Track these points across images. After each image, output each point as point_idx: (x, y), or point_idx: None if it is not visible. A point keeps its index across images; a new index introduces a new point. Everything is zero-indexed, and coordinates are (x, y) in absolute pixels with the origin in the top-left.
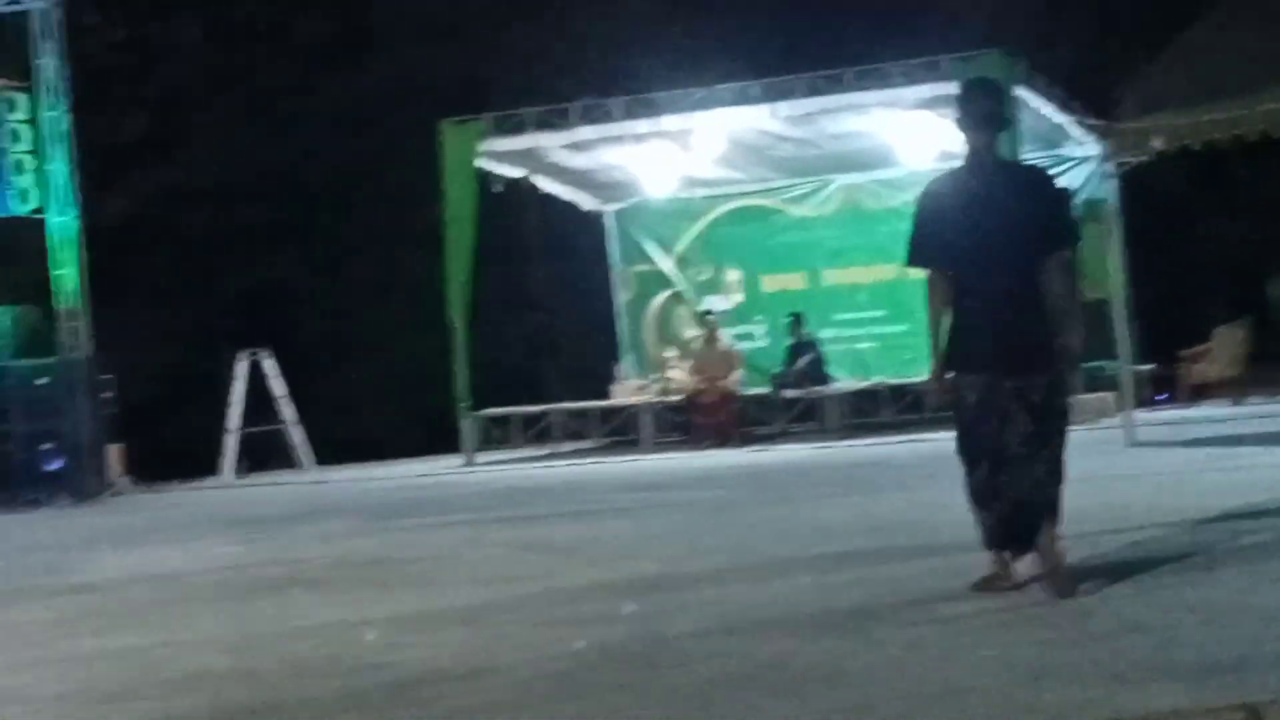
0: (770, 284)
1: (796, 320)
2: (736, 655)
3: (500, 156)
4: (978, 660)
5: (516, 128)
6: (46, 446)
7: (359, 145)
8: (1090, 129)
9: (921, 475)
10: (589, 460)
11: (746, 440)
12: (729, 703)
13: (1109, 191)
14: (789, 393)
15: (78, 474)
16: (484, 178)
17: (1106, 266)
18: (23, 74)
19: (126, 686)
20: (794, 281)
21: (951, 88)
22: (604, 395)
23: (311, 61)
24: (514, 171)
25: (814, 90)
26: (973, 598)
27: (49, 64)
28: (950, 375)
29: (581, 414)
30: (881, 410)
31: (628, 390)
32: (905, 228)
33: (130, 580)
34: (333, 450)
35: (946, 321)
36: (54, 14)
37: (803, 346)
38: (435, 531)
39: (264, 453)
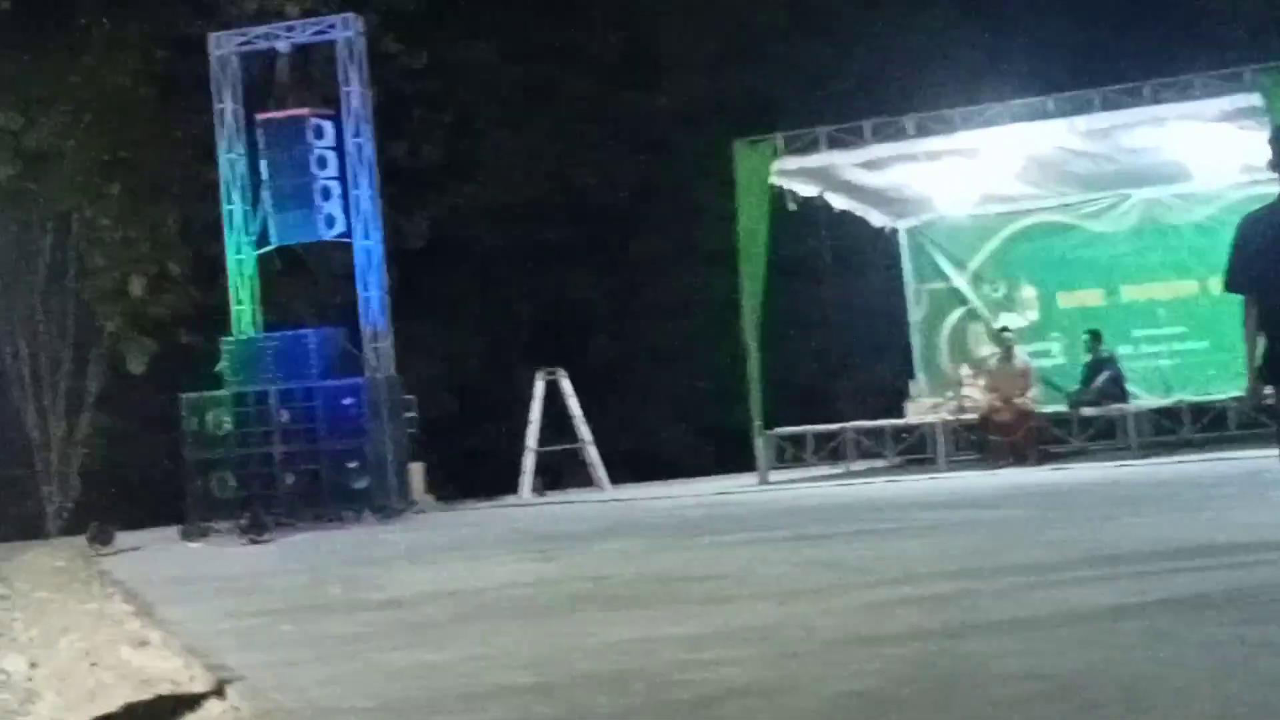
0: (1066, 300)
1: (1094, 337)
2: (1038, 675)
3: (793, 175)
4: None
5: (810, 146)
6: (353, 465)
7: (653, 164)
8: None
9: (1226, 494)
10: (883, 479)
11: (1043, 459)
12: None
13: None
14: (1087, 410)
15: (382, 491)
16: (777, 196)
17: None
18: (329, 102)
19: (433, 700)
20: (1091, 298)
21: (1254, 100)
22: (898, 413)
23: (606, 81)
24: (807, 190)
25: (1110, 104)
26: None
27: (354, 91)
28: (1268, 390)
29: (875, 432)
30: (1183, 428)
31: (922, 408)
32: (1205, 243)
33: (433, 595)
34: (627, 468)
35: (1263, 342)
36: (358, 43)
37: (1101, 363)
38: (732, 549)
39: (561, 471)
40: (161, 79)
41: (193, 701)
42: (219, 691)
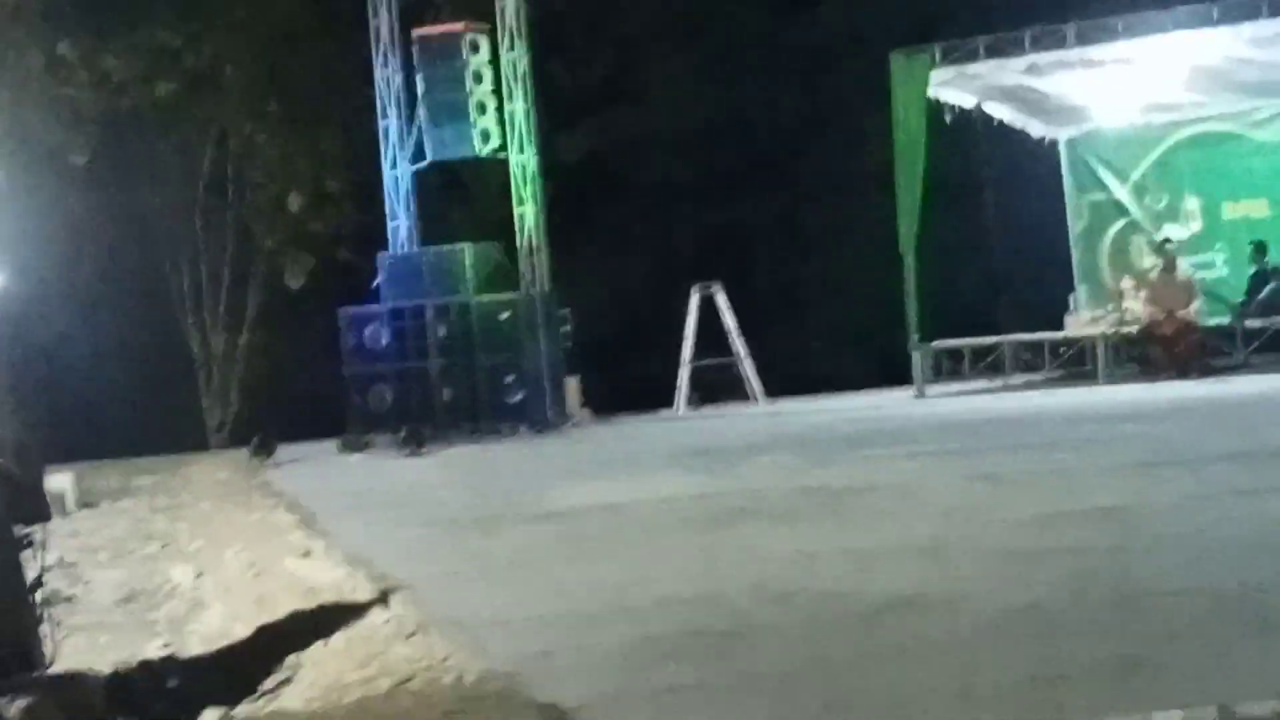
0: (1231, 211)
1: (1259, 248)
2: (1209, 592)
3: (951, 85)
4: None
5: (967, 56)
6: (509, 379)
7: (814, 89)
8: None
9: None
10: (1041, 392)
11: (1206, 372)
12: (1202, 641)
13: None
14: (1251, 323)
15: (538, 405)
16: (935, 109)
17: None
18: (485, 16)
19: (601, 611)
20: (1257, 209)
21: None
22: (1057, 326)
23: (768, 6)
24: (965, 100)
25: (1277, 9)
26: None
27: (510, 5)
28: None
29: (1034, 346)
30: None
31: (1082, 322)
32: None
33: (593, 509)
34: (783, 384)
35: None
36: None
37: (1266, 275)
38: (888, 463)
39: (716, 386)
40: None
41: (357, 610)
42: (383, 600)
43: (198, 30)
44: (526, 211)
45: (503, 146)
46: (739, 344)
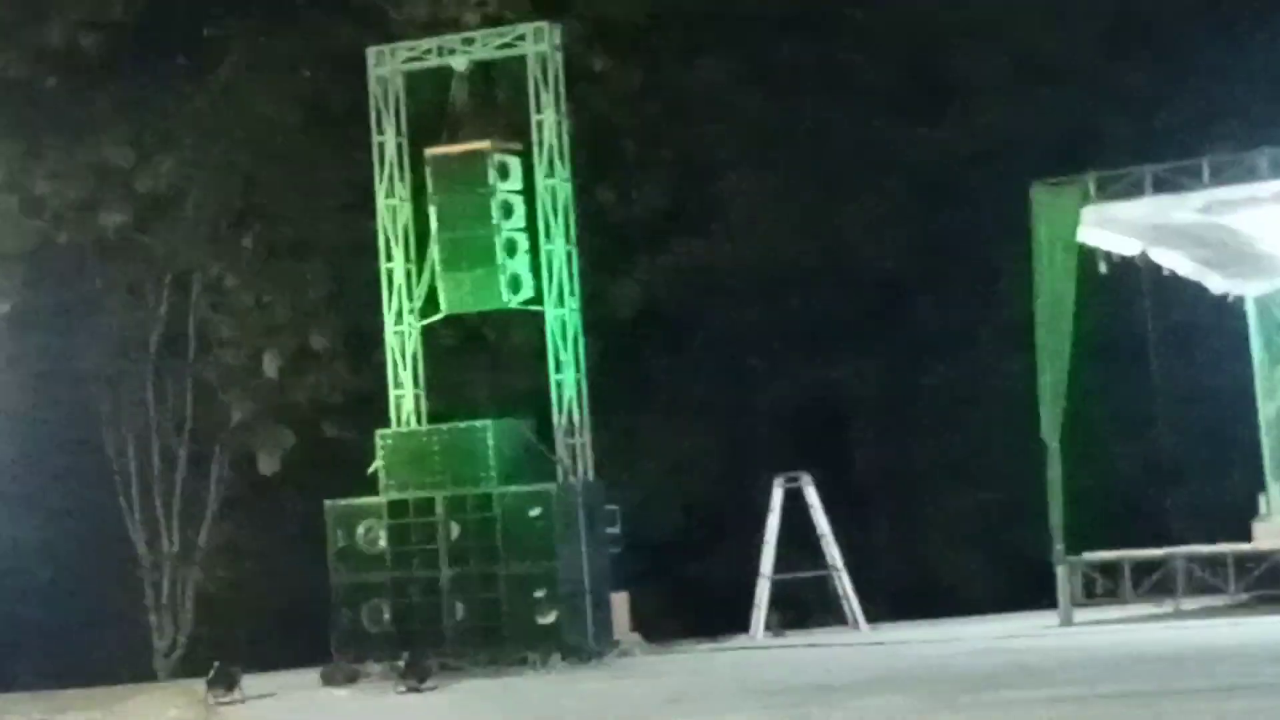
0: None
1: None
2: None
3: (1108, 226)
4: None
5: (1130, 190)
6: (540, 594)
7: (934, 218)
8: None
9: None
10: (1224, 621)
11: None
12: None
13: None
14: None
15: (576, 628)
16: (1087, 255)
17: None
18: (517, 134)
19: None
20: None
21: None
22: (1244, 536)
23: (875, 112)
24: (1126, 245)
25: None
26: None
27: (548, 120)
28: None
29: (1215, 561)
30: None
31: (1275, 530)
32: None
33: None
34: (890, 604)
35: None
36: (554, 59)
37: None
38: (1027, 711)
39: (805, 606)
40: (308, 105)
41: None
42: None
43: (154, 146)
44: (566, 379)
45: (537, 297)
46: (834, 552)
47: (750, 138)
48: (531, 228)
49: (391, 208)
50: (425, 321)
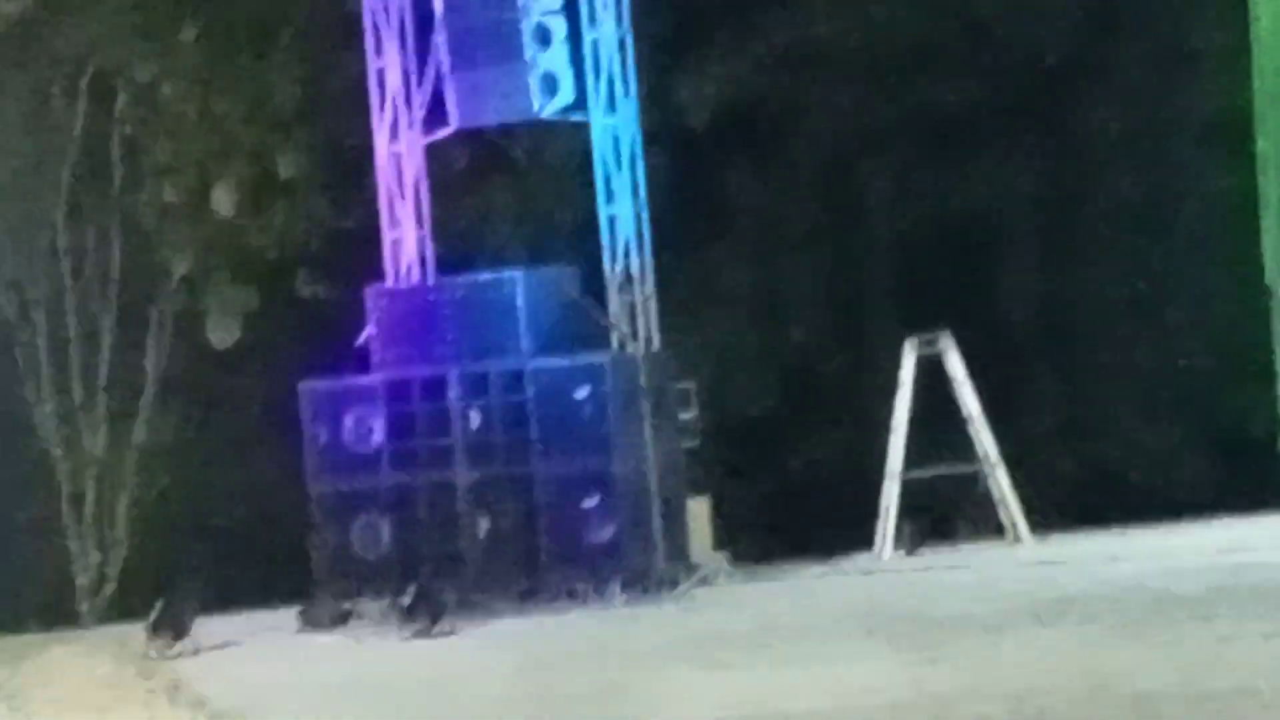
0: None
1: None
2: None
3: None
4: None
5: None
6: (590, 502)
7: None
8: None
9: None
10: None
11: None
12: None
13: None
14: None
15: (639, 548)
16: None
17: None
18: None
19: None
20: None
21: None
22: None
23: None
24: None
25: None
26: None
27: None
28: None
29: None
30: None
31: None
32: None
33: None
34: (1063, 504)
35: None
36: None
37: None
38: (1254, 646)
39: (948, 512)
40: None
41: None
42: None
43: None
44: (621, 212)
45: (579, 102)
46: (985, 439)
47: None
48: (570, 7)
49: None
50: (430, 138)
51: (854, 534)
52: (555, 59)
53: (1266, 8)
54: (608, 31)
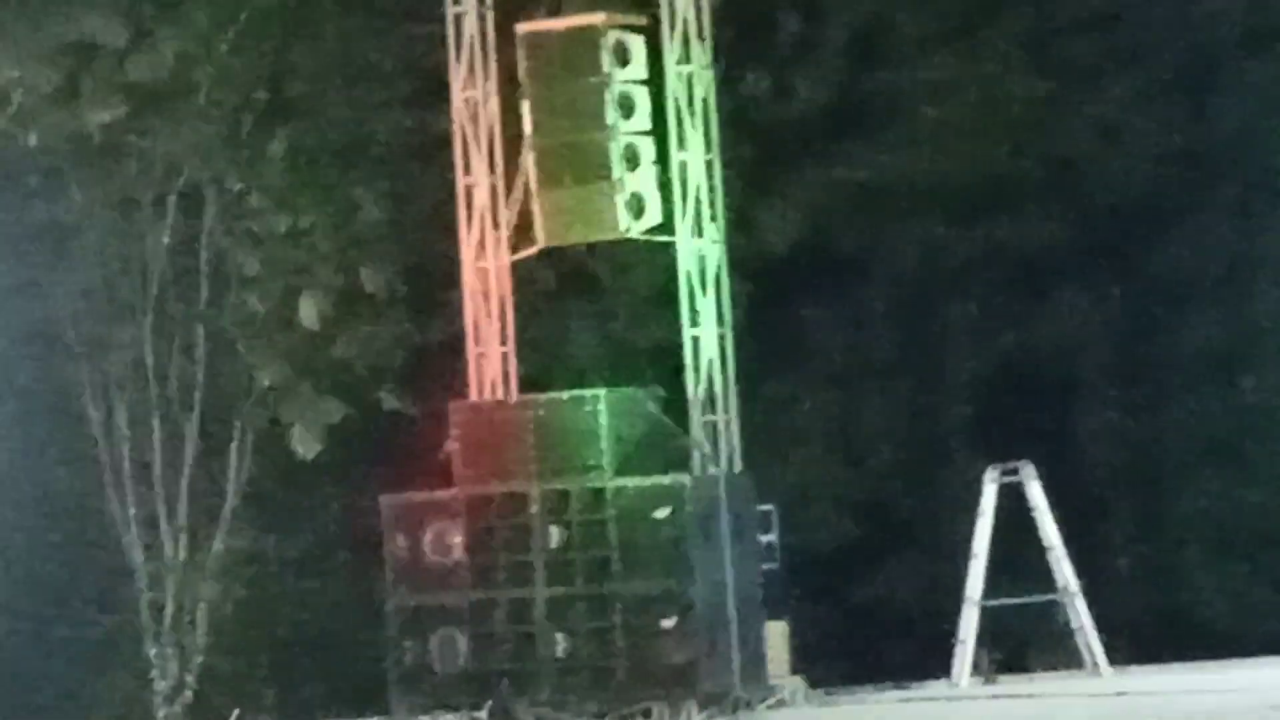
0: None
1: None
2: None
3: None
4: None
5: None
6: (667, 622)
7: (1193, 115)
8: None
9: None
10: None
11: None
12: None
13: None
14: None
15: (716, 670)
16: None
17: None
18: (640, 4)
19: None
20: None
21: None
22: None
23: None
24: None
25: None
26: None
27: None
28: None
29: None
30: None
31: None
32: None
33: None
34: (1140, 638)
35: None
36: None
37: None
38: None
39: (1024, 640)
40: None
41: None
42: None
43: (153, 19)
44: (704, 335)
45: (666, 224)
46: (1065, 570)
47: (948, 8)
48: (659, 131)
49: (471, 102)
50: (517, 256)
51: (931, 662)
52: (643, 180)
53: None
54: (696, 154)
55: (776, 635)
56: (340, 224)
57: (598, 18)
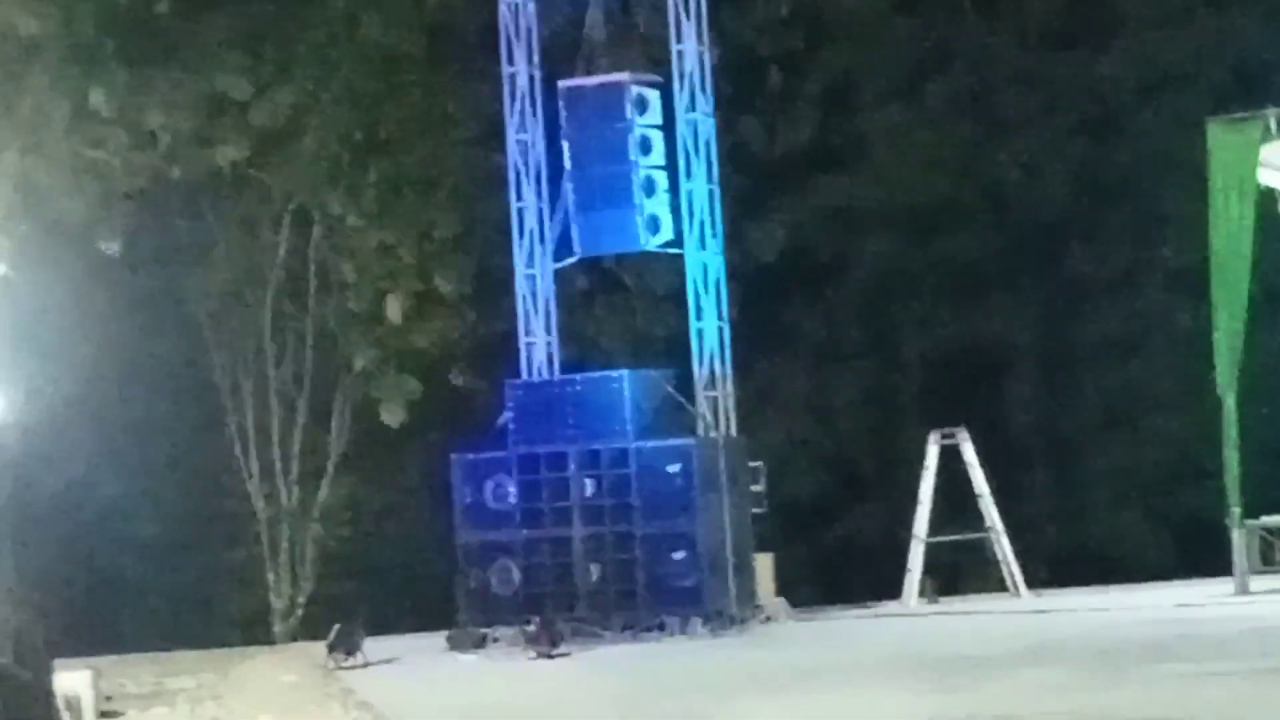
0: None
1: None
2: None
3: None
4: None
5: None
6: (678, 555)
7: (1096, 153)
8: None
9: None
10: None
11: None
12: None
13: None
14: None
15: (716, 592)
16: (1266, 196)
17: None
18: (656, 65)
19: None
20: None
21: None
22: None
23: (1034, 42)
24: None
25: None
26: None
27: (689, 50)
28: None
29: None
30: None
31: None
32: None
33: None
34: (1052, 569)
35: None
36: None
37: None
38: (1201, 685)
39: (960, 570)
40: (434, 33)
41: None
42: None
43: (271, 75)
44: (707, 327)
45: (676, 239)
46: (992, 513)
47: (902, 68)
48: (671, 165)
49: (522, 143)
50: (558, 265)
51: (886, 586)
52: (658, 204)
53: (1217, 171)
54: (700, 184)
55: (764, 566)
56: (419, 240)
57: (623, 76)
